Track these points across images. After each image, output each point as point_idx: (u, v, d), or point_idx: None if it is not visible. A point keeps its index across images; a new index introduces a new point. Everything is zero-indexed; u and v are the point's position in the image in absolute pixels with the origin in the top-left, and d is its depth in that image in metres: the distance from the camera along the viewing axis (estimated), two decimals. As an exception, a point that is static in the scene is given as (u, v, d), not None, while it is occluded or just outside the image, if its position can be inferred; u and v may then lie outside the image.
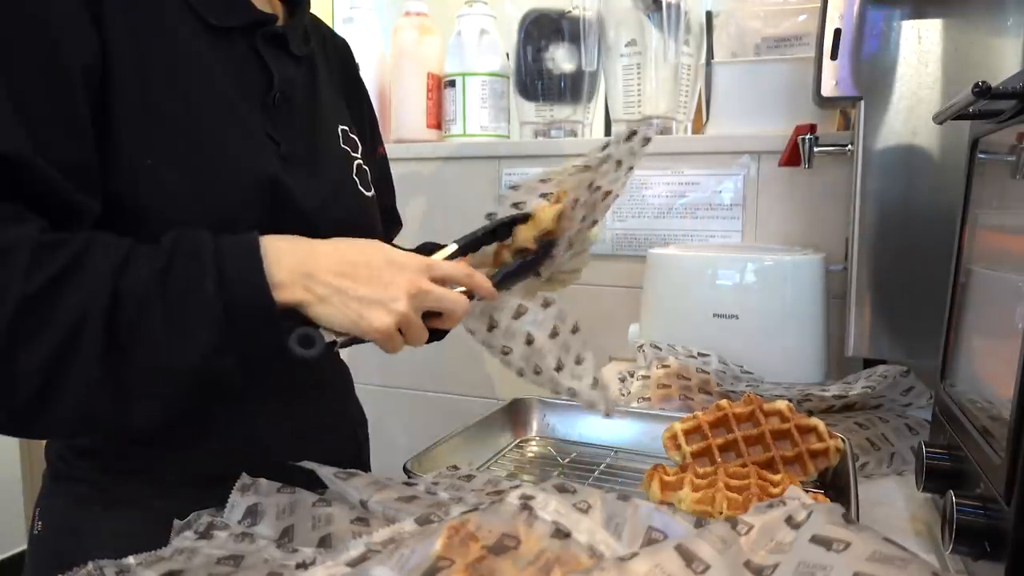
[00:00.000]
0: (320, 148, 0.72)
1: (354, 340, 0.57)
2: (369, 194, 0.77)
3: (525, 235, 0.69)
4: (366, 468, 0.84)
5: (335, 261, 0.56)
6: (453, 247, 0.66)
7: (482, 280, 0.63)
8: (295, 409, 0.72)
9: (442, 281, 0.60)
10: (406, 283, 0.57)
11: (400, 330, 0.57)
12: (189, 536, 0.51)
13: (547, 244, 0.70)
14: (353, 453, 0.81)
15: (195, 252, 0.53)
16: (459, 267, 0.61)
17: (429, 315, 0.60)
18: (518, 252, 0.70)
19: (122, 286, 0.51)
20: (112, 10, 0.56)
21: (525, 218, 0.70)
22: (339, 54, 0.84)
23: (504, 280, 0.66)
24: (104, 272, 0.51)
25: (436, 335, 0.63)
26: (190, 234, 0.54)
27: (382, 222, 0.86)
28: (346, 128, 0.77)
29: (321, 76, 0.75)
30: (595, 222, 0.72)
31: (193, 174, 0.59)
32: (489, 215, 0.71)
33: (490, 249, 0.71)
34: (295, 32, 0.71)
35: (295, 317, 0.55)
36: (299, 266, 0.55)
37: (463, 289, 0.62)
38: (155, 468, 0.64)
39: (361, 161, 0.78)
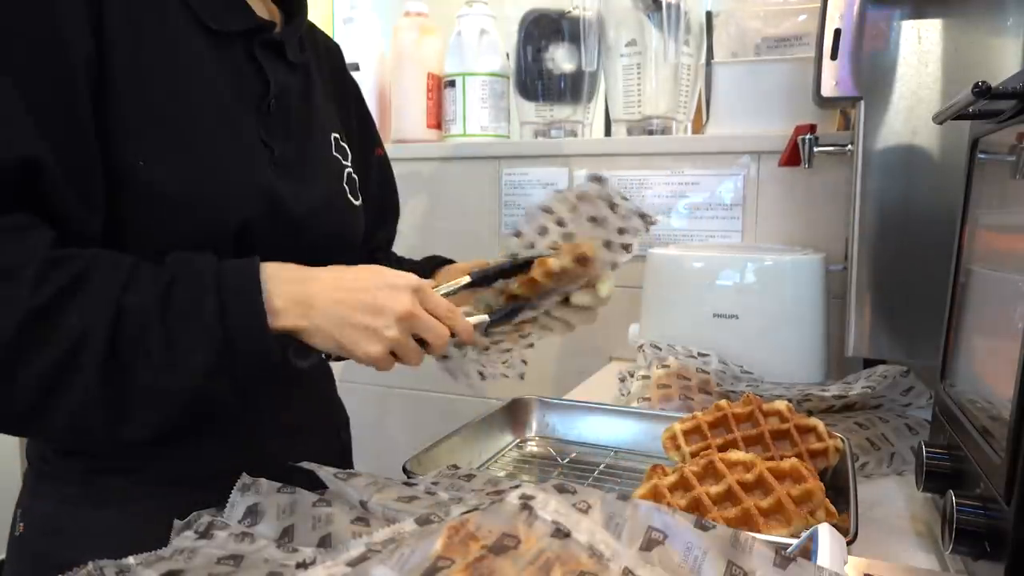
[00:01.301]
0: (313, 155, 0.72)
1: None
2: (357, 203, 0.78)
3: (516, 284, 0.72)
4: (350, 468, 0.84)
5: (332, 288, 0.58)
6: (466, 280, 0.69)
7: (464, 325, 0.64)
8: (282, 409, 0.73)
9: (432, 311, 0.62)
10: (399, 309, 0.59)
11: (393, 352, 0.60)
12: (189, 536, 0.51)
13: (542, 293, 0.72)
14: (337, 452, 0.83)
15: (198, 275, 0.55)
16: (445, 306, 0.63)
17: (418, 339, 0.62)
18: (511, 297, 0.72)
19: (125, 304, 0.52)
20: (112, 9, 0.56)
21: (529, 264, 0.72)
22: (331, 58, 0.84)
23: (493, 323, 0.69)
24: (109, 289, 0.52)
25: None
26: (194, 256, 0.56)
27: (387, 221, 0.86)
28: (338, 136, 0.78)
29: (315, 83, 0.76)
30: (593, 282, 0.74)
31: (185, 175, 0.59)
32: (511, 255, 0.73)
33: (500, 285, 0.73)
34: (292, 39, 0.71)
35: (291, 339, 0.58)
36: (297, 294, 0.57)
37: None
38: (142, 468, 0.64)
39: (351, 169, 0.78)
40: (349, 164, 0.78)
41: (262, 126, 0.66)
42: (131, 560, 0.47)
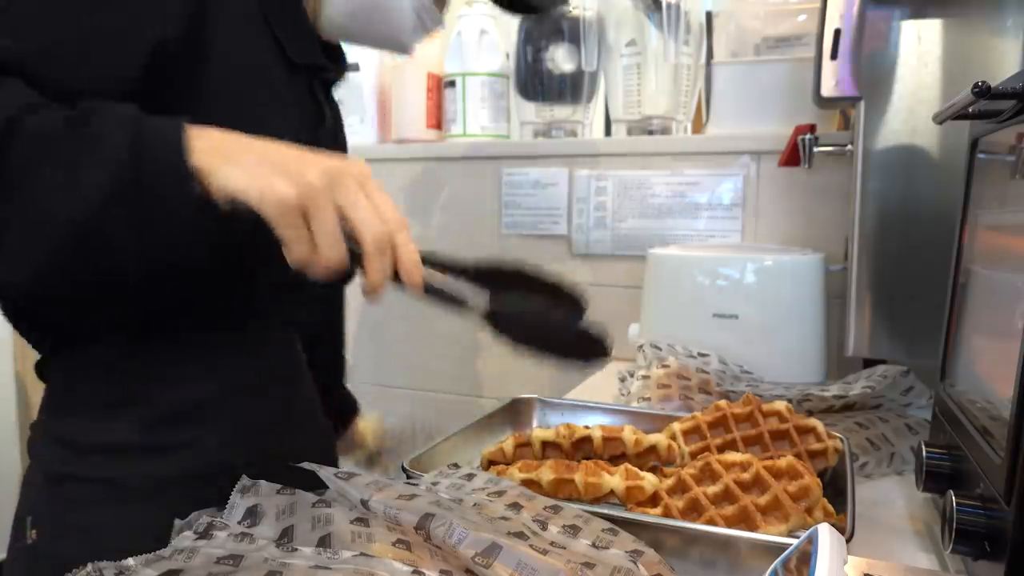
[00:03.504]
0: None
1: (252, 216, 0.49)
2: None
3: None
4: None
5: (262, 143, 0.52)
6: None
7: (415, 265, 0.53)
8: (283, 400, 0.75)
9: (375, 199, 0.51)
10: (331, 164, 0.50)
11: (305, 218, 0.49)
12: (189, 536, 0.51)
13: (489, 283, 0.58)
14: (326, 449, 0.87)
15: (114, 109, 0.50)
16: (392, 209, 0.52)
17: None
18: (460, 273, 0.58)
19: (26, 121, 0.47)
20: (215, 16, 0.59)
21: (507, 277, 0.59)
22: (337, 111, 0.88)
23: (430, 292, 0.55)
24: (12, 103, 0.47)
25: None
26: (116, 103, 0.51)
27: None
28: None
29: (341, 126, 0.82)
30: None
31: None
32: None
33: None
34: (338, 82, 0.79)
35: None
36: (221, 141, 0.50)
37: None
38: (158, 463, 0.65)
39: None
40: None
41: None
42: (131, 561, 0.47)
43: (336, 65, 0.78)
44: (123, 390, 0.64)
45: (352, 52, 0.89)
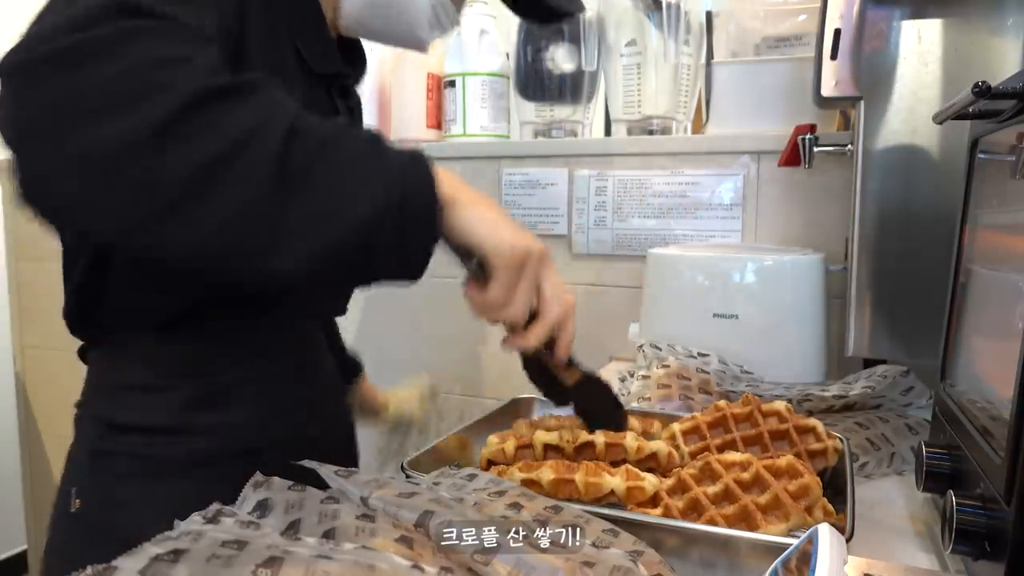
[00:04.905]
0: None
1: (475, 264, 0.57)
2: None
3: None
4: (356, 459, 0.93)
5: (483, 196, 0.57)
6: None
7: (569, 346, 0.63)
8: (306, 384, 0.80)
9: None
10: (535, 240, 0.57)
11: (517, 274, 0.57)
12: (197, 520, 0.52)
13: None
14: (347, 431, 0.92)
15: (365, 131, 0.54)
16: (574, 306, 0.62)
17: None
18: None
19: (300, 124, 0.49)
20: (251, 22, 0.62)
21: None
22: (359, 106, 0.89)
23: (564, 367, 0.68)
24: (284, 105, 0.50)
25: None
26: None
27: None
28: None
29: (359, 127, 0.83)
30: None
31: None
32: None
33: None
34: (356, 85, 0.82)
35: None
36: (458, 184, 0.55)
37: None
38: (193, 441, 0.70)
39: None
40: None
41: None
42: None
43: (354, 68, 0.81)
44: (155, 376, 0.70)
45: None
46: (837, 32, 0.90)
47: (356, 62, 0.83)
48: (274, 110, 0.49)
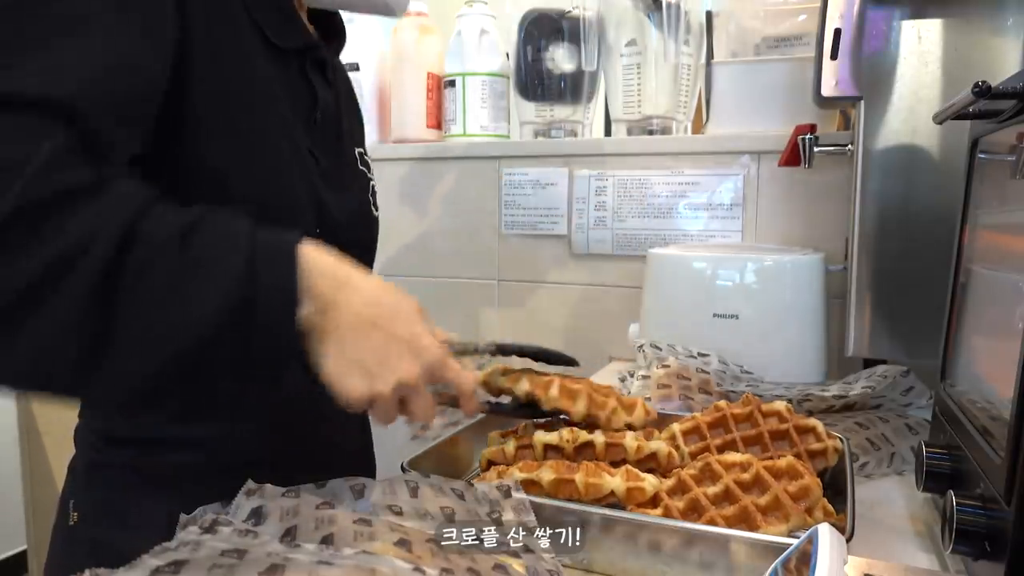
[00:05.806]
0: (345, 168, 0.77)
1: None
2: (377, 213, 0.82)
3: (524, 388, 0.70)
4: (372, 463, 0.88)
5: (368, 295, 0.53)
6: (492, 345, 0.66)
7: (473, 404, 0.62)
8: (310, 395, 0.75)
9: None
10: (434, 344, 0.55)
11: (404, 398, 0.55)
12: (194, 531, 0.51)
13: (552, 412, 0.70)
14: (364, 444, 0.87)
15: (229, 223, 0.49)
16: (468, 378, 0.60)
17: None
18: (523, 396, 0.70)
19: (141, 227, 0.45)
20: (195, 15, 0.57)
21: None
22: (346, 79, 0.87)
23: (493, 411, 0.70)
24: (127, 205, 0.46)
25: None
26: (227, 213, 0.51)
27: None
28: (362, 151, 0.82)
29: (343, 102, 0.80)
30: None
31: (255, 182, 0.62)
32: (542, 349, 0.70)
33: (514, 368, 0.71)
34: (333, 59, 0.77)
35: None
36: (330, 289, 0.51)
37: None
38: (192, 453, 0.67)
39: (375, 183, 0.83)
40: (373, 177, 0.82)
41: (309, 138, 0.69)
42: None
43: (329, 40, 0.76)
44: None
45: (352, 52, 0.89)
46: (837, 32, 0.90)
47: (331, 34, 0.78)
48: (110, 215, 0.44)
